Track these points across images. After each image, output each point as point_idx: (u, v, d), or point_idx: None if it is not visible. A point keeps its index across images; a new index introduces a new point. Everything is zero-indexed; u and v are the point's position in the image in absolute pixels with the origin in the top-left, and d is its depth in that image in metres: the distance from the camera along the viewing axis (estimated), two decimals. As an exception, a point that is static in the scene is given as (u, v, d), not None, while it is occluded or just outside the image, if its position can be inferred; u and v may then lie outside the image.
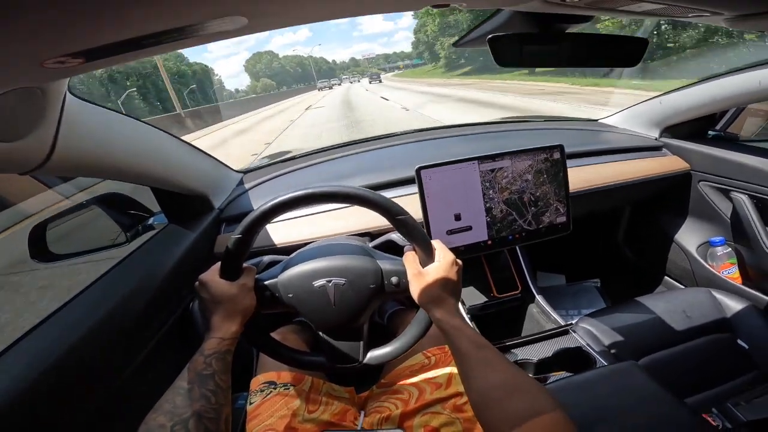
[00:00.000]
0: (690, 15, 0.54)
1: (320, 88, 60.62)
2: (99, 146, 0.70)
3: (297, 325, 1.15)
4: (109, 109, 0.74)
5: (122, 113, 0.79)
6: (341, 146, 1.70)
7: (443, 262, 0.69)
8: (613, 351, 1.11)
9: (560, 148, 1.13)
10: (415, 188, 1.09)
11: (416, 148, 1.59)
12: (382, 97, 22.33)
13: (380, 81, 56.14)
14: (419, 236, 0.70)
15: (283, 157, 1.64)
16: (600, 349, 1.13)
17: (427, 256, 0.70)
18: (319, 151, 1.67)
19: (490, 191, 1.11)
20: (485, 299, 1.49)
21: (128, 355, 0.82)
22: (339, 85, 73.30)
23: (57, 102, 0.56)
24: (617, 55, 0.69)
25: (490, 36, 0.64)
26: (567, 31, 0.67)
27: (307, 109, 23.52)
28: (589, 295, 1.69)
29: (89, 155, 0.68)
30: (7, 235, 5.44)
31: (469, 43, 0.80)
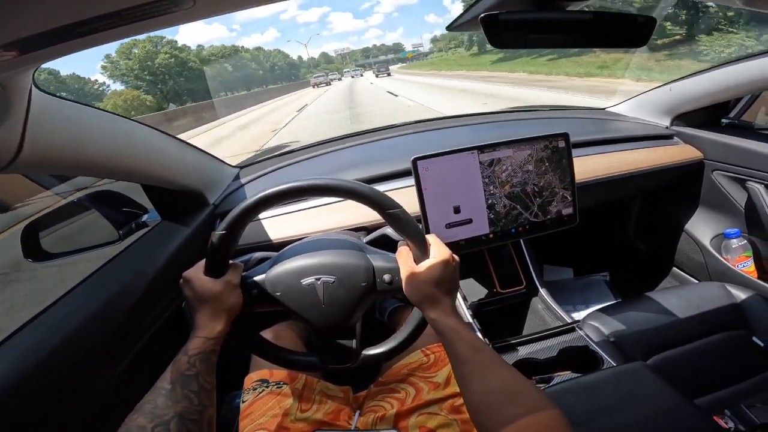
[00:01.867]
0: None
1: (315, 85, 46.55)
2: (73, 142, 0.67)
3: (293, 321, 1.12)
4: (83, 104, 0.71)
5: (98, 108, 0.76)
6: (340, 138, 1.67)
7: (438, 258, 0.65)
8: (621, 349, 1.07)
9: (565, 136, 1.08)
10: (413, 180, 1.05)
11: (416, 140, 1.55)
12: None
13: (389, 74, 47.08)
14: (412, 231, 0.66)
15: (280, 151, 1.62)
16: (607, 348, 1.08)
17: (422, 252, 0.66)
18: (317, 144, 1.64)
19: (491, 187, 1.06)
20: (488, 295, 1.45)
21: (118, 354, 0.80)
22: (339, 80, 60.57)
23: (22, 97, 0.53)
24: (623, 34, 0.63)
25: (482, 15, 0.60)
26: (568, 9, 0.62)
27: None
28: (598, 289, 1.64)
29: (62, 151, 0.66)
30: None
31: (463, 26, 0.75)
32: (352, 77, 61.97)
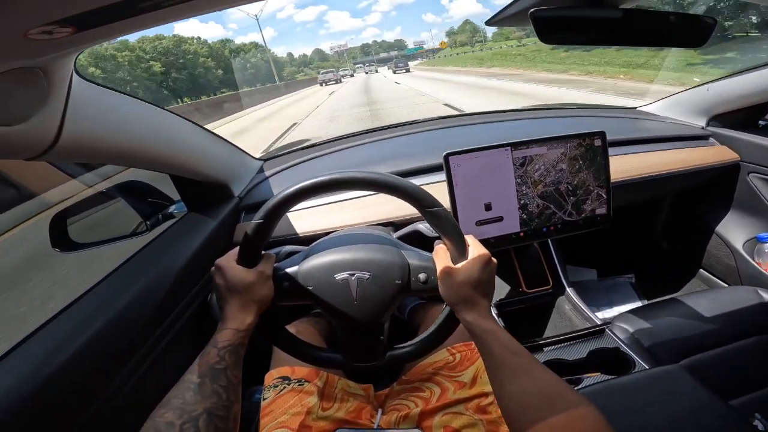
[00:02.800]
0: None
1: (323, 82, 38.94)
2: (110, 130, 0.67)
3: (312, 317, 1.11)
4: (121, 92, 0.70)
5: (136, 97, 0.75)
6: (363, 133, 1.65)
7: (477, 259, 0.63)
8: (652, 352, 1.05)
9: (601, 135, 1.05)
10: (441, 176, 1.03)
11: (442, 135, 1.53)
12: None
13: (407, 70, 40.94)
14: (452, 230, 0.64)
15: (303, 145, 1.61)
16: (638, 350, 1.06)
17: (460, 253, 0.64)
18: (340, 138, 1.63)
19: (523, 187, 1.05)
20: (513, 294, 1.43)
21: (144, 348, 0.79)
22: (351, 76, 53.57)
23: (62, 84, 0.52)
24: (680, 34, 0.61)
25: (532, 11, 0.58)
26: (621, 6, 0.60)
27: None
28: (623, 291, 1.61)
29: (100, 140, 0.65)
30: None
31: (505, 21, 0.73)
32: (366, 73, 57.25)
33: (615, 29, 0.59)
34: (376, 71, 60.37)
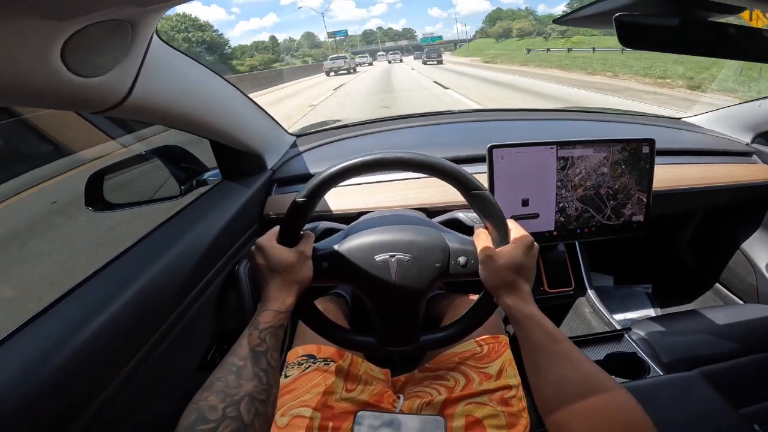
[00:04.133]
0: None
1: (331, 71, 31.66)
2: (175, 93, 0.66)
3: (333, 296, 1.11)
4: (190, 56, 0.69)
5: (201, 63, 0.74)
6: (396, 118, 1.63)
7: (519, 243, 0.62)
8: (668, 360, 1.05)
9: (651, 142, 1.04)
10: (477, 167, 1.02)
11: (477, 128, 1.52)
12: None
13: (440, 62, 33.78)
14: (495, 214, 0.63)
15: (335, 125, 1.59)
16: (655, 358, 1.07)
17: (502, 237, 0.63)
18: (373, 121, 1.61)
19: (563, 191, 1.04)
20: (535, 293, 1.42)
21: (173, 316, 0.76)
22: (370, 65, 46.98)
23: (144, 41, 0.52)
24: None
25: (618, 15, 0.56)
26: (710, 20, 0.58)
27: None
28: (638, 300, 1.61)
29: (164, 100, 0.64)
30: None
31: (578, 21, 0.71)
32: (389, 62, 49.22)
33: (704, 42, 0.57)
34: (401, 61, 52.11)
